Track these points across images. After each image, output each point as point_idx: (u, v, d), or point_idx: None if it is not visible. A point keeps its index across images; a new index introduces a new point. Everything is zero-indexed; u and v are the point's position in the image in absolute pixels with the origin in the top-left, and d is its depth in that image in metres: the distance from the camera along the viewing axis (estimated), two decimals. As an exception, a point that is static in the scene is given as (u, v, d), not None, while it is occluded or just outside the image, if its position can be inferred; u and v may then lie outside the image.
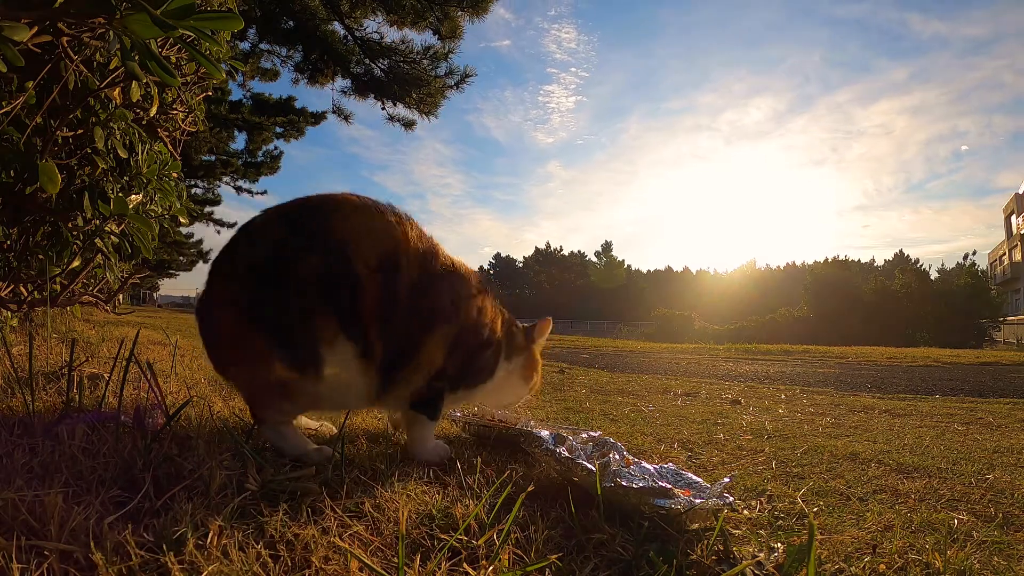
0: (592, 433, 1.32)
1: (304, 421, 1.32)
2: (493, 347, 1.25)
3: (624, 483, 0.95)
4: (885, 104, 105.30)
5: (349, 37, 7.12)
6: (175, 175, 1.75)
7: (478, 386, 1.26)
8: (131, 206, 1.54)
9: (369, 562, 0.65)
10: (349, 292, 1.01)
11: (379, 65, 7.26)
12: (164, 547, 0.62)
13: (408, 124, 7.76)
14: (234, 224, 16.60)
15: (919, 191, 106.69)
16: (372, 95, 7.50)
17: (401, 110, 7.56)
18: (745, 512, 1.04)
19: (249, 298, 0.99)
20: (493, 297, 1.29)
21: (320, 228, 1.04)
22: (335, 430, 1.33)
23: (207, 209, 15.58)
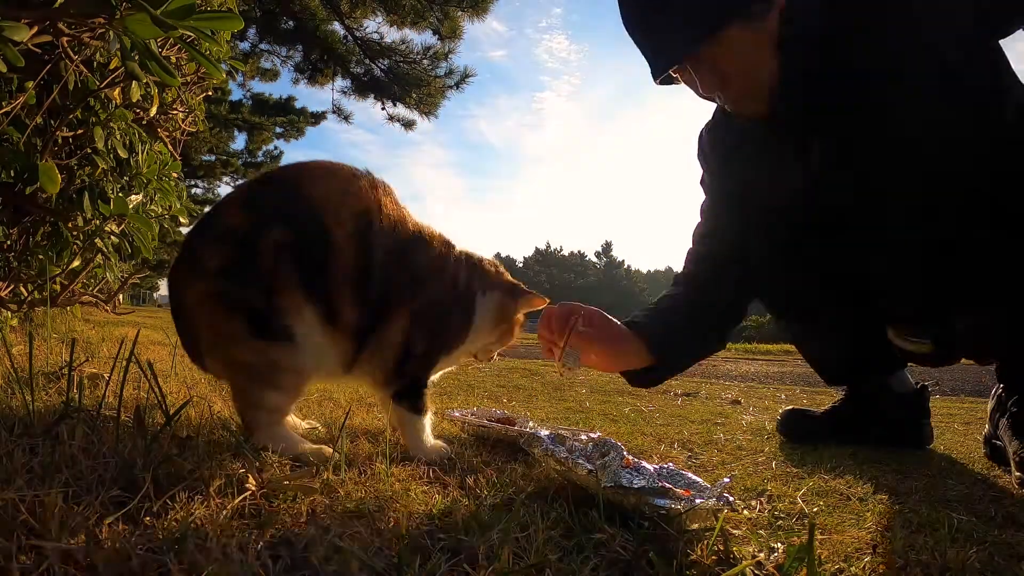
0: (592, 434, 1.32)
1: (294, 422, 1.32)
2: (460, 304, 1.22)
3: (624, 483, 0.95)
4: None
5: (349, 37, 7.13)
6: (175, 175, 1.75)
7: (455, 349, 1.24)
8: (131, 206, 1.54)
9: (369, 562, 0.65)
10: (316, 258, 1.02)
11: (379, 65, 7.27)
12: (164, 547, 0.62)
13: (408, 124, 7.78)
14: (234, 224, 16.62)
15: None
16: (372, 95, 7.52)
17: (401, 110, 7.59)
18: (745, 512, 1.04)
19: (217, 284, 1.00)
20: (457, 251, 1.26)
21: (285, 198, 1.04)
22: (322, 430, 1.33)
23: (207, 209, 15.57)
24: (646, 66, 1.33)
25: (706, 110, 1.63)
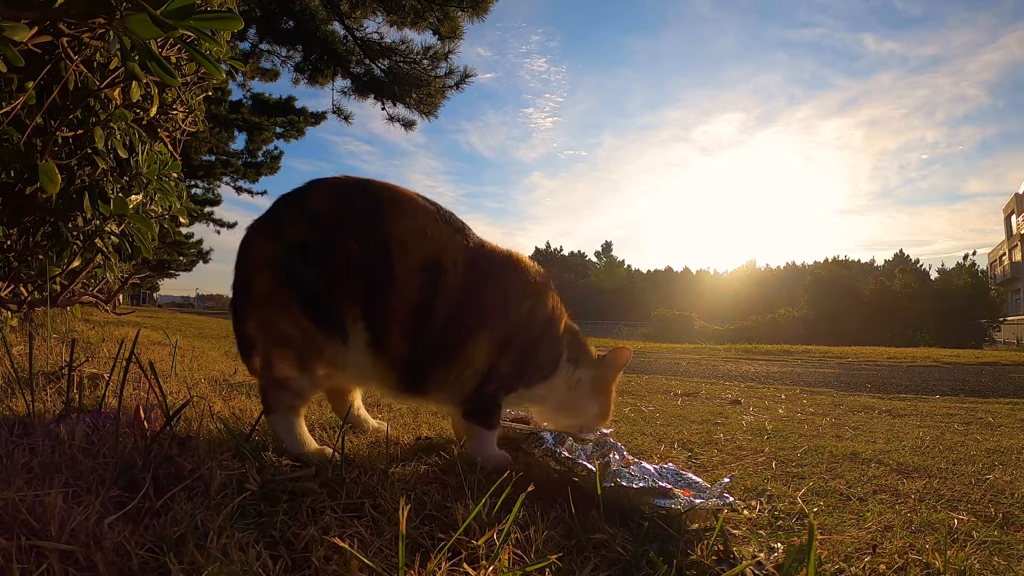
0: (603, 430, 1.35)
1: (364, 413, 1.37)
2: (551, 344, 1.23)
3: (624, 483, 0.95)
4: (861, 114, 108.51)
5: (349, 37, 7.12)
6: (175, 175, 1.75)
7: (536, 384, 1.24)
8: (131, 206, 1.54)
9: (369, 562, 0.65)
10: (380, 285, 1.05)
11: (379, 65, 7.26)
12: (164, 547, 0.62)
13: (408, 124, 7.75)
14: (235, 224, 16.61)
15: (899, 196, 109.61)
16: (372, 95, 7.50)
17: (401, 110, 7.56)
18: (745, 512, 1.04)
19: (289, 260, 1.04)
20: (556, 294, 1.27)
21: (372, 218, 1.08)
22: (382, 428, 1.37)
23: (207, 209, 15.57)
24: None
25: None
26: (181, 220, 1.92)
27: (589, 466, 0.98)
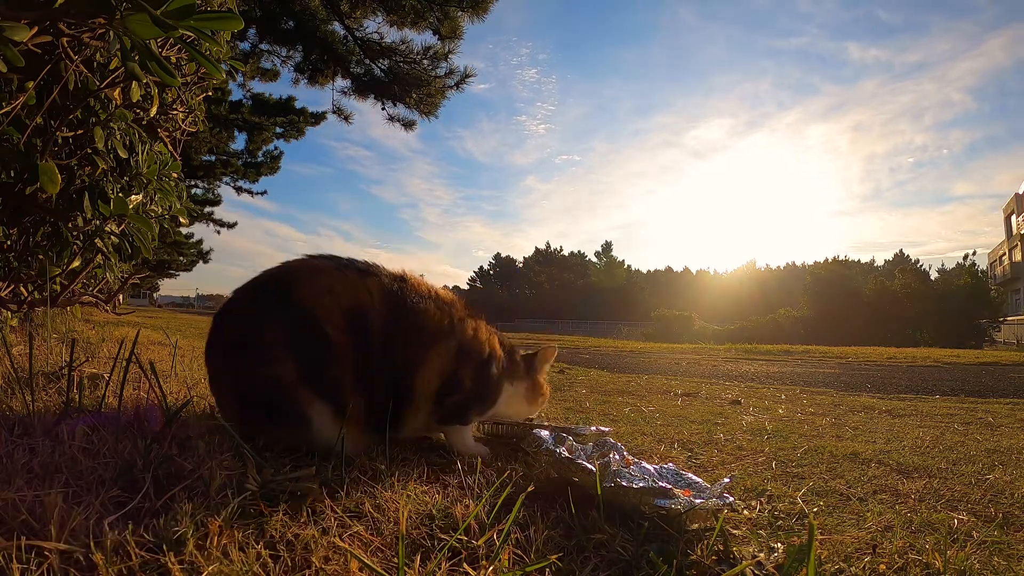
0: (603, 428, 1.37)
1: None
2: (495, 365, 1.27)
3: (624, 483, 0.95)
4: (848, 119, 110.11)
5: (349, 37, 7.12)
6: (175, 175, 1.75)
7: (487, 411, 1.31)
8: (131, 206, 1.54)
9: (369, 562, 0.65)
10: (317, 353, 1.03)
11: (379, 65, 7.26)
12: (164, 547, 0.62)
13: (408, 124, 7.75)
14: (235, 224, 16.62)
15: (890, 198, 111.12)
16: (372, 95, 7.50)
17: (401, 110, 7.56)
18: (745, 512, 1.04)
19: (233, 376, 1.05)
20: (485, 322, 1.31)
21: (282, 295, 1.07)
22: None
23: (207, 209, 15.56)
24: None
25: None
26: (181, 220, 1.92)
27: (589, 466, 0.98)
